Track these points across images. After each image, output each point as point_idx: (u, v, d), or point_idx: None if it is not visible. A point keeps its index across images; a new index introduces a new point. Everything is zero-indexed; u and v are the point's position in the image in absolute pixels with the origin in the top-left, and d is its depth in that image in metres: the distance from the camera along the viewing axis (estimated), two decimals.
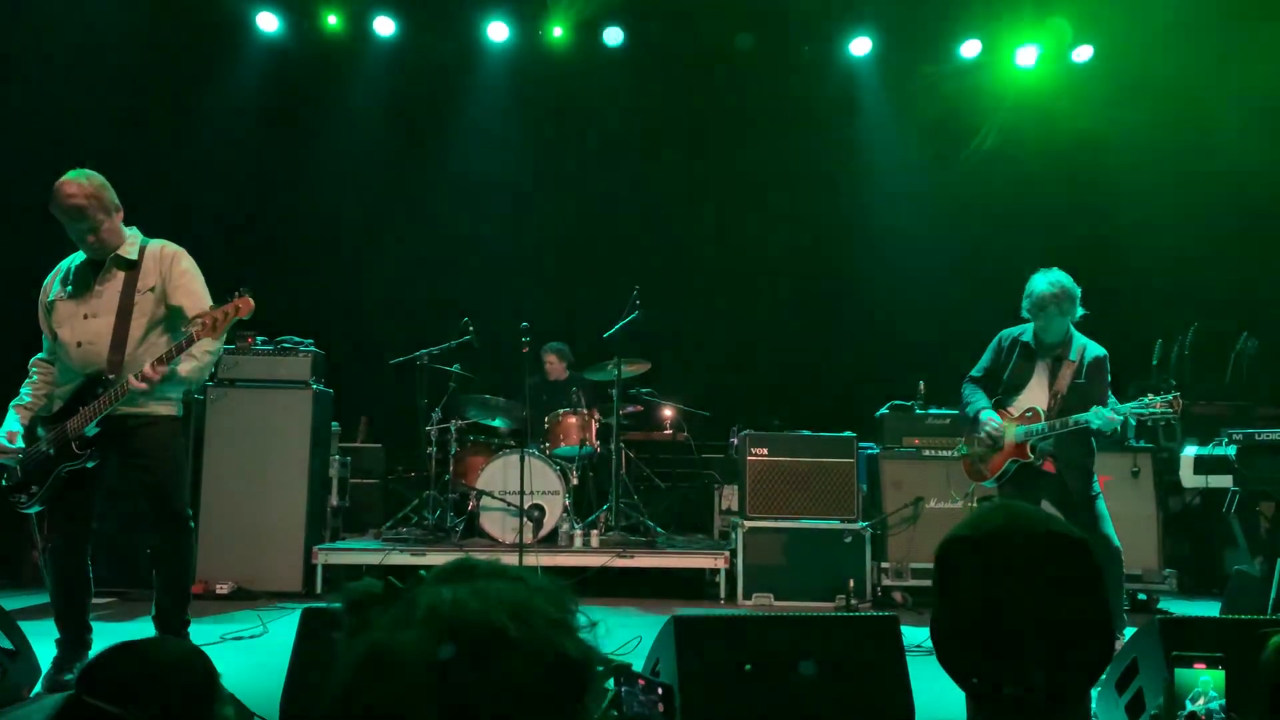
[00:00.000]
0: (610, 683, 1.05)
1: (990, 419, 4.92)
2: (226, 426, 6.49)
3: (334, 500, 7.16)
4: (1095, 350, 4.95)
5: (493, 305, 7.91)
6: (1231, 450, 4.39)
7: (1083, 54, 8.73)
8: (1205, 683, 1.59)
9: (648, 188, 8.95)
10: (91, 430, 3.86)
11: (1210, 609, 5.89)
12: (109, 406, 3.83)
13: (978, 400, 5.07)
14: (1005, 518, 1.33)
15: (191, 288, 4.04)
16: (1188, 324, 7.31)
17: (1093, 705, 2.96)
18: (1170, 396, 4.56)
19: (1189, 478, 5.47)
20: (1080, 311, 4.86)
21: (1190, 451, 5.51)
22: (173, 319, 4.04)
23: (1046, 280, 4.85)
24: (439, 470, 7.13)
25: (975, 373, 5.22)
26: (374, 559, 6.51)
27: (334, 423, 7.19)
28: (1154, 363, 7.23)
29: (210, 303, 3.92)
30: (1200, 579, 6.82)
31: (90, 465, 3.92)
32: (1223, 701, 1.56)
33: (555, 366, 7.99)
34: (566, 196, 9.02)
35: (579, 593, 1.05)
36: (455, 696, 0.90)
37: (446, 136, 8.92)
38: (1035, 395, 4.95)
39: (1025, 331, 5.04)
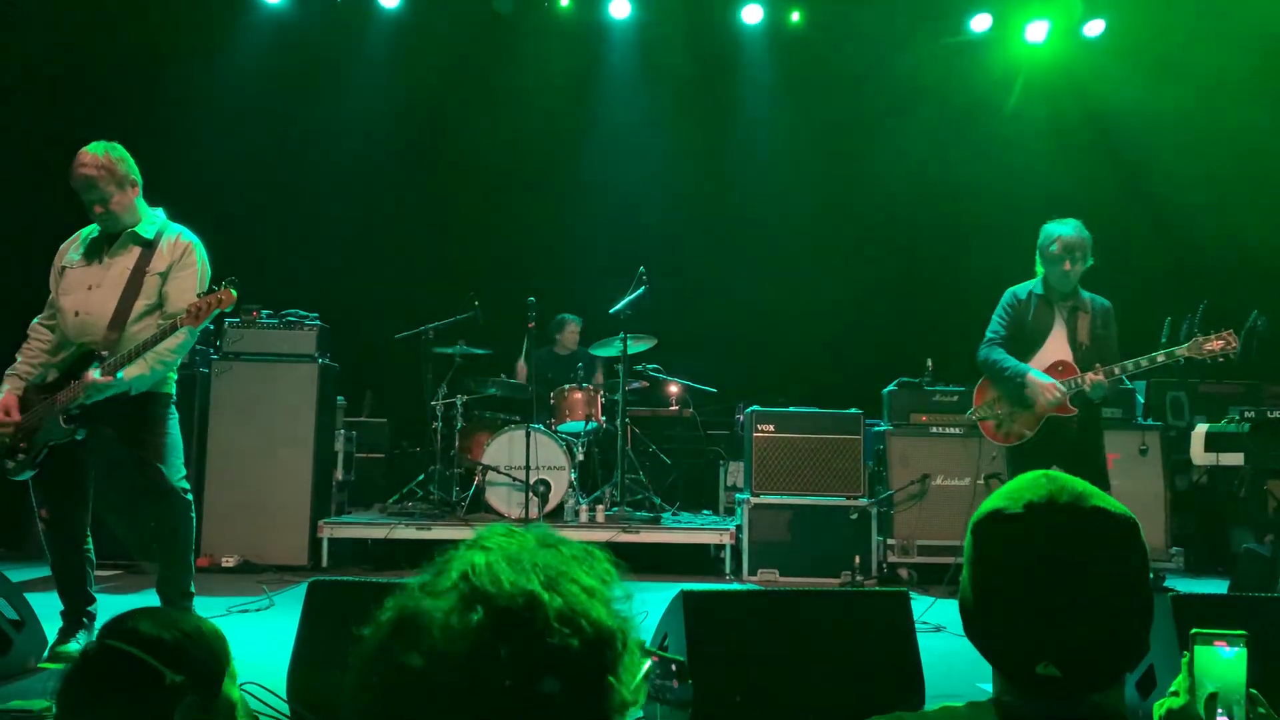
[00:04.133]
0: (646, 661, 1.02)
1: (1052, 384, 4.74)
2: (232, 399, 6.49)
3: (339, 474, 7.17)
4: (1102, 300, 4.93)
5: (500, 280, 7.88)
6: (1244, 427, 4.36)
7: (1094, 28, 8.63)
8: (1225, 661, 1.56)
9: (654, 163, 8.89)
10: (75, 408, 3.83)
11: (1217, 587, 5.87)
12: (81, 395, 3.80)
13: (1013, 361, 4.89)
14: (1050, 490, 1.29)
15: (186, 284, 3.98)
16: (1197, 301, 7.26)
17: None
18: (1224, 331, 4.47)
19: (1199, 454, 5.44)
20: (1090, 261, 4.83)
21: (1201, 428, 5.48)
22: (163, 305, 4.00)
23: (1073, 226, 4.78)
24: (444, 445, 7.13)
25: (993, 334, 5.07)
26: (379, 533, 6.53)
27: (339, 397, 7.18)
28: (1163, 340, 7.18)
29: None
30: (1207, 558, 6.80)
31: (79, 437, 3.89)
32: (1243, 679, 1.53)
33: (573, 337, 7.98)
34: (572, 172, 8.96)
35: None
36: (485, 664, 0.89)
37: (455, 109, 8.85)
38: (1058, 348, 4.86)
39: (1035, 285, 4.97)
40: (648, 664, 1.02)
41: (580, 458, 7.07)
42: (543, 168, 8.96)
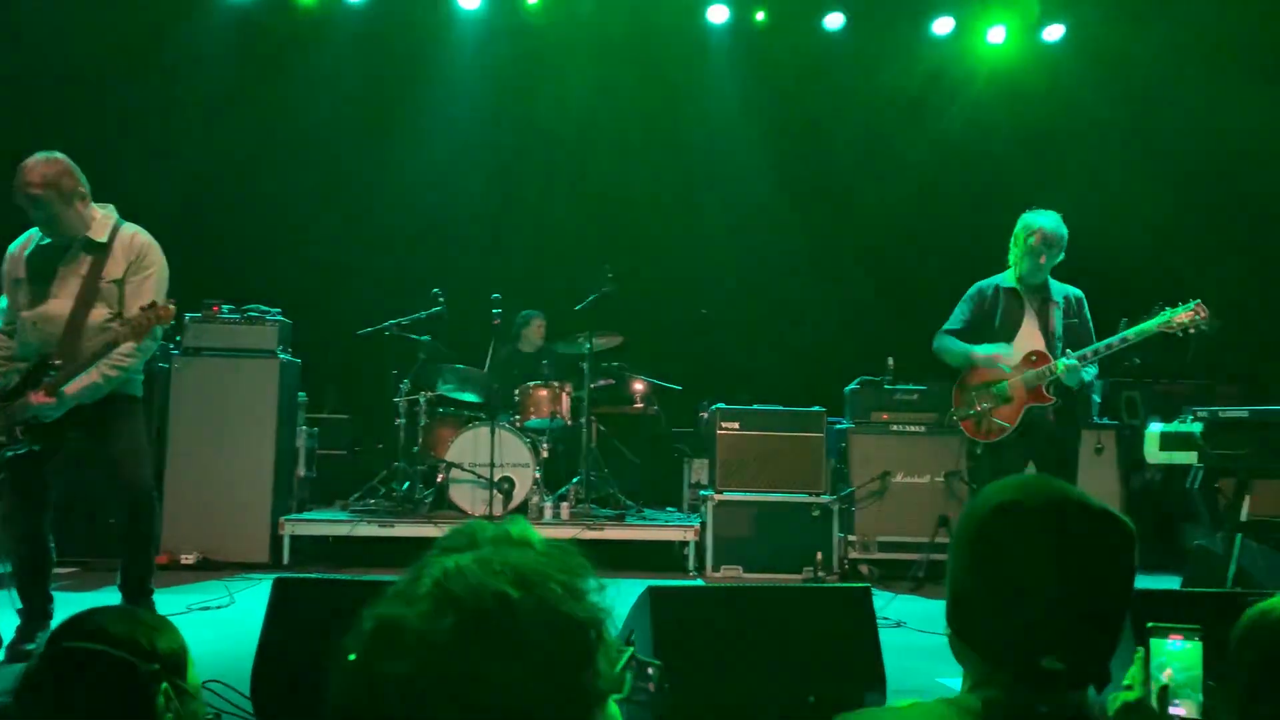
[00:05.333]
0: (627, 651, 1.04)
1: (997, 353, 4.79)
2: (192, 395, 6.42)
3: (301, 471, 7.11)
4: (1075, 291, 4.96)
5: (464, 277, 7.85)
6: (1197, 427, 4.45)
7: (1054, 33, 8.76)
8: (1180, 654, 1.61)
9: (621, 160, 8.89)
10: (29, 418, 3.77)
11: (1170, 583, 5.99)
12: (27, 413, 3.74)
13: (962, 346, 4.94)
14: (1057, 489, 1.33)
15: (144, 289, 3.92)
16: (1151, 302, 7.39)
17: None
18: (1192, 304, 4.49)
19: (1154, 454, 5.54)
20: (1062, 255, 4.88)
21: (1156, 428, 5.58)
22: (122, 313, 3.94)
23: (1054, 219, 4.80)
24: (408, 442, 7.09)
25: (950, 326, 5.09)
26: (342, 530, 6.49)
27: (301, 393, 7.12)
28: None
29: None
30: (1160, 554, 6.93)
31: (37, 448, 3.82)
32: (1199, 673, 1.58)
33: (538, 334, 7.96)
34: (539, 169, 8.94)
35: None
36: (462, 668, 0.90)
37: (418, 106, 8.78)
38: (1030, 340, 4.86)
39: (1005, 278, 4.99)
40: (629, 654, 1.03)
41: (545, 455, 7.06)
42: (508, 164, 8.93)
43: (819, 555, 6.36)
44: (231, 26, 8.34)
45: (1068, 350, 4.77)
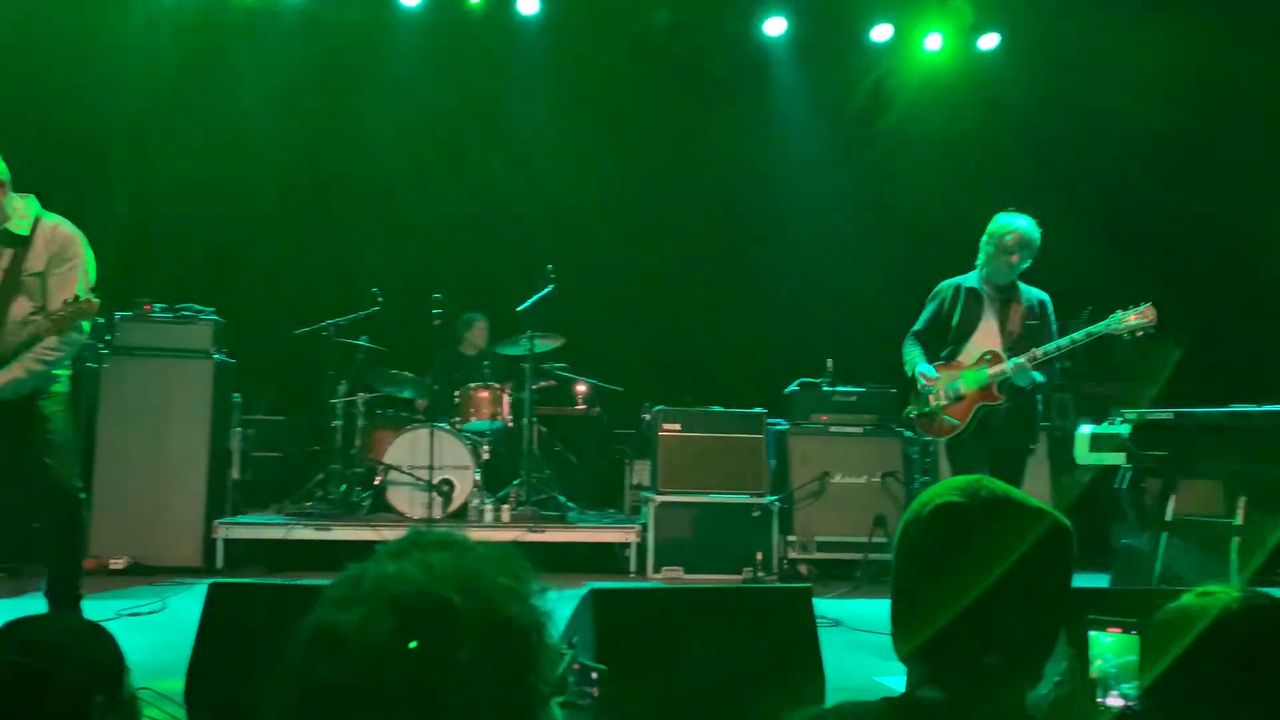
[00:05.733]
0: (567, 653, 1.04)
1: (924, 372, 4.84)
2: (122, 396, 6.26)
3: (235, 473, 6.97)
4: (1042, 294, 4.97)
5: (403, 277, 7.77)
6: (1125, 429, 4.58)
7: (989, 41, 8.93)
8: (1116, 647, 1.66)
9: (561, 164, 8.88)
10: None
11: (1099, 581, 6.15)
12: None
13: (914, 357, 4.96)
14: (995, 489, 1.35)
15: (67, 282, 3.81)
16: (1081, 307, 7.58)
17: None
18: (1142, 307, 4.53)
19: (1084, 455, 5.69)
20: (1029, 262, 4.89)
21: (1085, 430, 5.72)
22: (46, 306, 3.84)
23: (1030, 222, 4.81)
24: (345, 444, 7.00)
25: (917, 327, 5.08)
26: (277, 534, 6.39)
27: (236, 394, 6.99)
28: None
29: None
30: (1090, 553, 7.11)
31: None
32: (1134, 664, 1.62)
33: (481, 335, 7.90)
34: (480, 169, 8.89)
35: None
36: (404, 674, 0.89)
37: (358, 104, 8.68)
38: (987, 338, 4.88)
39: (969, 279, 4.99)
40: (570, 656, 1.03)
41: (485, 457, 7.02)
42: (449, 164, 8.85)
43: (759, 555, 6.41)
44: (169, 22, 8.16)
45: (1031, 350, 4.75)
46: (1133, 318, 4.55)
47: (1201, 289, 7.87)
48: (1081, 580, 6.05)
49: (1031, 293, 4.98)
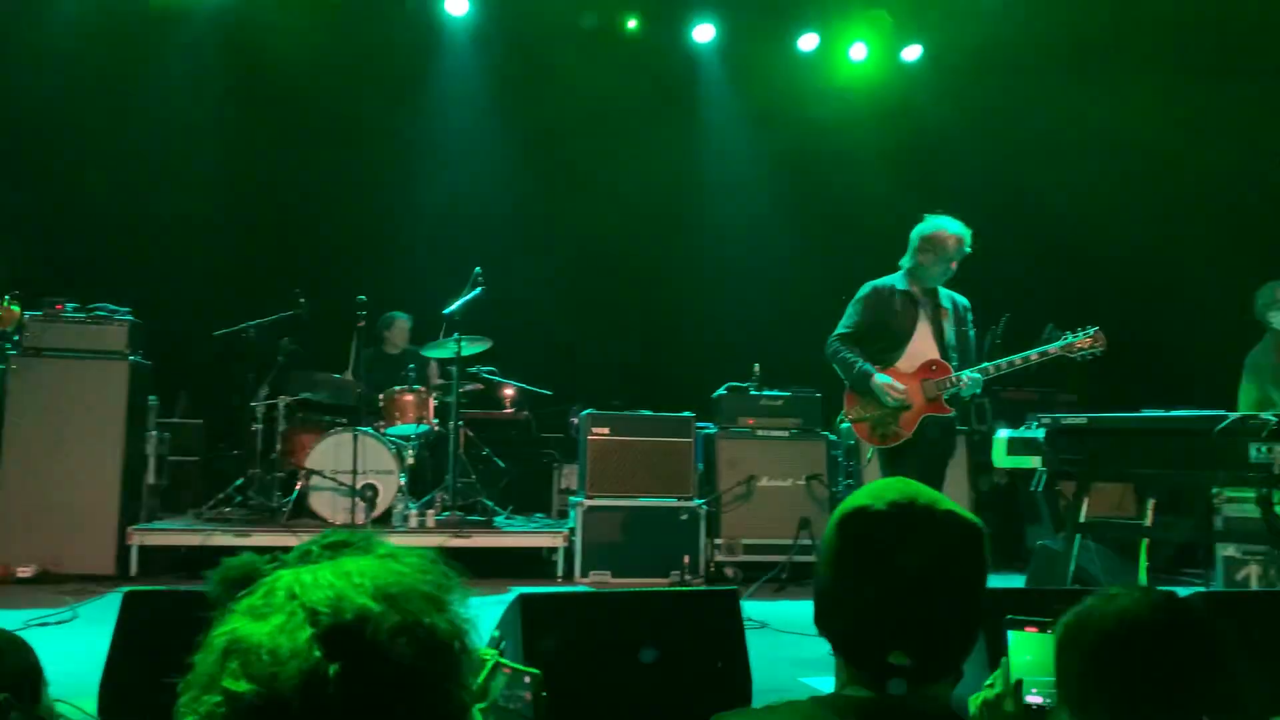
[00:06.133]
0: (490, 659, 1.03)
1: (891, 384, 4.68)
2: (31, 399, 6.04)
3: (150, 478, 6.77)
4: (963, 299, 4.94)
5: (327, 278, 7.64)
6: (1040, 433, 4.70)
7: (912, 53, 9.12)
8: (1034, 646, 1.71)
9: (491, 162, 8.83)
10: None
11: (1016, 581, 6.31)
12: None
13: (860, 362, 4.79)
14: (909, 492, 1.37)
15: None
16: (999, 315, 7.77)
17: None
18: (1092, 331, 4.58)
19: (1001, 458, 5.84)
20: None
21: (1003, 434, 5.87)
22: None
23: (960, 225, 4.75)
24: (266, 448, 6.86)
25: (845, 329, 4.91)
26: (194, 540, 6.23)
27: (152, 396, 6.80)
28: (984, 347, 7.66)
29: None
30: (1006, 554, 7.29)
31: None
32: (1051, 663, 1.67)
33: (402, 335, 7.79)
34: (406, 169, 8.79)
35: None
36: (316, 684, 0.87)
37: (279, 101, 8.52)
38: (924, 347, 4.79)
39: (897, 280, 4.88)
40: (492, 662, 1.03)
41: (410, 462, 6.94)
42: (374, 163, 8.74)
43: (686, 559, 6.44)
44: (89, 20, 7.91)
45: (973, 364, 4.78)
46: (1084, 341, 4.61)
47: (1118, 297, 8.12)
48: (999, 581, 6.21)
49: (956, 298, 4.96)
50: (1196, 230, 7.90)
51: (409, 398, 7.08)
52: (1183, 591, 1.75)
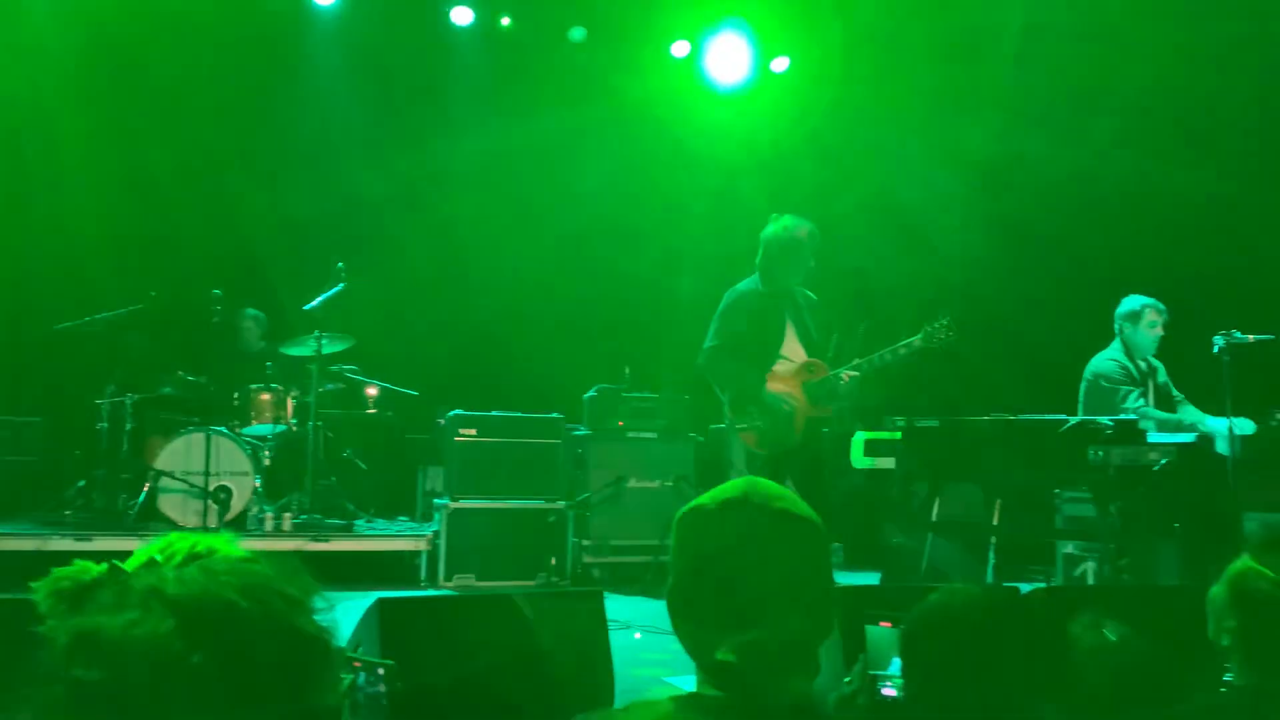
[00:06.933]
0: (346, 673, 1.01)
1: (781, 396, 4.73)
2: None
3: None
4: (810, 294, 5.01)
5: (180, 270, 7.31)
6: (896, 435, 4.86)
7: (781, 64, 9.33)
8: (887, 641, 1.76)
9: (358, 158, 8.61)
10: None
11: (871, 579, 6.52)
12: None
13: (745, 373, 4.80)
14: (745, 491, 1.38)
15: None
16: (859, 321, 8.01)
17: None
18: (946, 321, 4.70)
19: (859, 459, 6.03)
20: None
21: (860, 435, 6.06)
22: None
23: (806, 221, 4.82)
24: (111, 448, 6.52)
25: (717, 342, 4.91)
26: (30, 545, 5.86)
27: None
28: (829, 356, 7.86)
29: None
30: (864, 552, 7.51)
31: None
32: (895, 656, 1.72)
33: (251, 334, 7.50)
34: (267, 163, 8.49)
35: None
36: (176, 672, 0.85)
37: (130, 86, 8.10)
38: (795, 348, 4.83)
39: (756, 284, 4.91)
40: (349, 678, 1.01)
41: (267, 463, 6.70)
42: (232, 151, 8.41)
43: (553, 560, 6.42)
44: None
45: (858, 362, 4.84)
46: (942, 335, 4.73)
47: (978, 296, 8.44)
48: (856, 578, 6.41)
49: (807, 293, 5.02)
50: (1039, 233, 8.24)
51: (266, 397, 6.84)
52: (1025, 587, 1.83)
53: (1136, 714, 1.90)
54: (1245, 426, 4.42)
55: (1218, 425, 4.75)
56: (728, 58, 9.25)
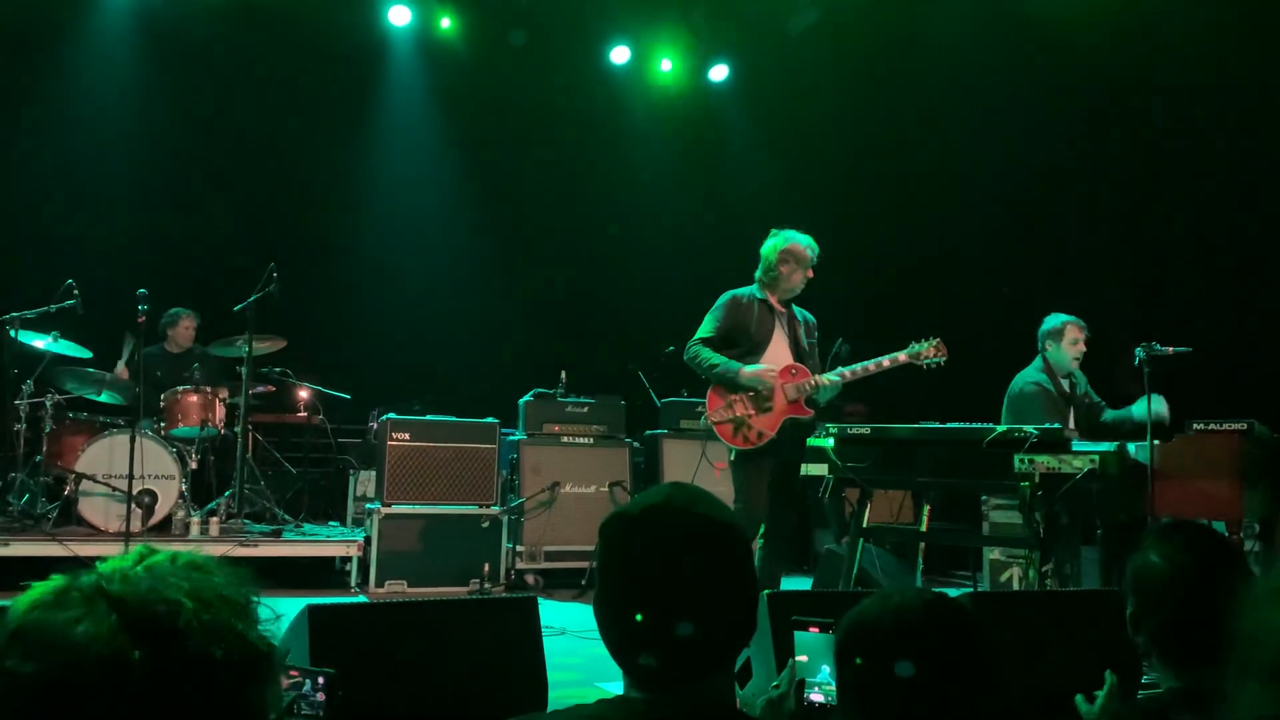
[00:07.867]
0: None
1: (761, 370, 4.81)
2: None
3: None
4: (809, 314, 5.14)
5: (105, 268, 7.13)
6: (829, 442, 4.92)
7: (719, 73, 9.41)
8: (816, 646, 1.78)
9: (288, 158, 8.48)
10: None
11: (802, 584, 6.59)
12: None
13: (722, 359, 4.87)
14: (668, 496, 1.39)
15: None
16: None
17: None
18: (935, 341, 4.82)
19: None
20: None
21: None
22: None
23: (808, 237, 4.96)
24: (29, 450, 6.31)
25: (706, 334, 5.00)
26: None
27: None
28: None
29: None
30: (794, 557, 7.59)
31: None
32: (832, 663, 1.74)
33: (187, 333, 7.32)
34: (198, 160, 8.33)
35: None
36: (118, 668, 0.85)
37: (51, 88, 7.89)
38: (780, 353, 4.93)
39: (754, 291, 5.03)
40: (292, 695, 1.01)
41: (193, 466, 6.55)
42: (161, 149, 8.24)
43: (486, 566, 6.37)
44: None
45: (840, 369, 4.94)
46: (929, 350, 4.85)
47: (919, 308, 8.57)
48: (790, 583, 6.47)
49: (806, 314, 5.17)
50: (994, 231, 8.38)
51: (193, 398, 6.68)
52: (953, 592, 1.87)
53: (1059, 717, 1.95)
54: (1159, 404, 4.56)
55: (1139, 410, 4.92)
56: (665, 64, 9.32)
